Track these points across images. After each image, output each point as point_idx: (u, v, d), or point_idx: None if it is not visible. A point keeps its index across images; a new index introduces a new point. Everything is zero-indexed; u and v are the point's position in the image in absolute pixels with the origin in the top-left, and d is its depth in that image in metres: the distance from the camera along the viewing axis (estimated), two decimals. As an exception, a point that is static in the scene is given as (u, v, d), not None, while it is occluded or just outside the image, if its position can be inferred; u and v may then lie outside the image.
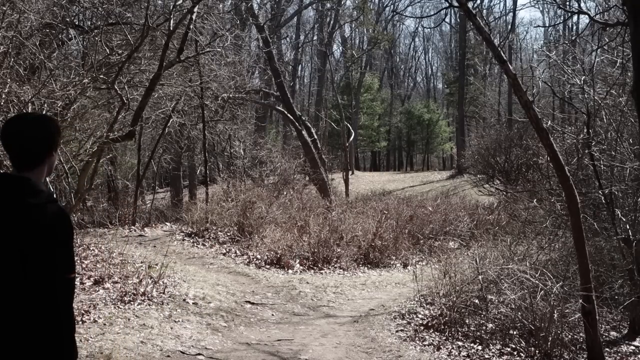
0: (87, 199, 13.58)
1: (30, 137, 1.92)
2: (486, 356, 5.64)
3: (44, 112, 6.74)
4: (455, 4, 6.48)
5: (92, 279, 6.76)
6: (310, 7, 34.92)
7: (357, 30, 41.18)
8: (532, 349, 5.64)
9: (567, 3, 12.89)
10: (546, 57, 12.08)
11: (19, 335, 1.82)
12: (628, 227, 6.46)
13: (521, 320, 5.95)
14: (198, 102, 13.78)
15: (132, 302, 6.20)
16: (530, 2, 57.68)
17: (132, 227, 11.47)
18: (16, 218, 1.83)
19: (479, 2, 24.95)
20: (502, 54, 5.55)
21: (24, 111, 6.54)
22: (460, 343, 5.96)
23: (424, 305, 7.22)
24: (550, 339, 5.57)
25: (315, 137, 20.60)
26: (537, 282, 5.89)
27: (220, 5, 15.74)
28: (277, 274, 9.30)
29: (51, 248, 1.83)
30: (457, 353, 5.71)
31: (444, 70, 50.66)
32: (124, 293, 6.39)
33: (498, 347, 5.85)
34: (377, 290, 8.79)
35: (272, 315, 7.01)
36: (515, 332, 6.02)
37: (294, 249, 10.24)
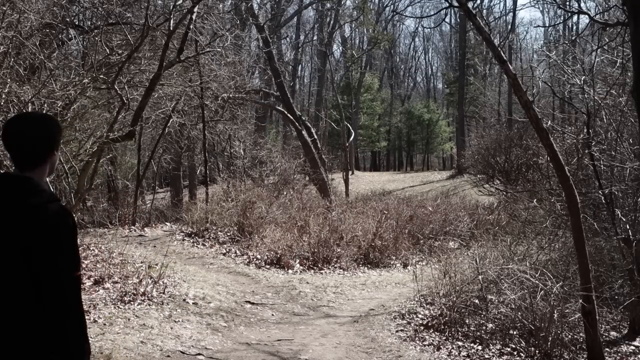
0: (87, 199, 13.58)
1: (31, 136, 1.92)
2: (486, 356, 5.64)
3: (44, 112, 6.74)
4: (455, 4, 6.48)
5: (92, 279, 6.76)
6: (310, 7, 34.95)
7: (357, 30, 41.21)
8: (532, 349, 5.64)
9: (567, 3, 12.89)
10: (546, 57, 12.09)
11: (28, 335, 1.83)
12: (628, 227, 6.46)
13: (521, 320, 5.95)
14: (198, 102, 13.78)
15: (132, 302, 6.20)
16: (530, 2, 57.69)
17: (132, 227, 11.47)
18: (19, 218, 1.83)
19: (479, 2, 24.95)
20: (502, 54, 5.55)
21: (24, 111, 6.54)
22: (460, 343, 5.96)
23: (424, 305, 7.22)
24: (550, 339, 5.57)
25: (315, 137, 20.60)
26: (537, 282, 5.89)
27: (220, 5, 15.74)
28: (277, 274, 9.30)
29: (55, 247, 1.83)
30: (457, 353, 5.71)
31: (444, 70, 50.68)
32: (124, 293, 6.39)
33: (498, 347, 5.85)
34: (377, 290, 8.79)
35: (272, 315, 7.01)
36: (515, 332, 6.02)
37: (294, 249, 10.24)
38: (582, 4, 13.27)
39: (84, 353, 1.88)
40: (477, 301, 6.61)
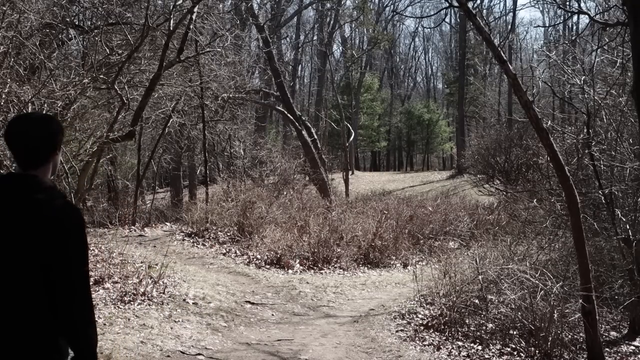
0: (87, 199, 13.57)
1: (34, 136, 1.95)
2: (486, 356, 5.64)
3: (44, 112, 6.74)
4: (455, 4, 6.48)
5: (92, 279, 6.76)
6: (310, 7, 34.94)
7: (357, 30, 41.20)
8: (532, 349, 5.64)
9: (567, 3, 12.89)
10: (546, 57, 12.08)
11: (38, 327, 1.88)
12: (628, 227, 6.46)
13: (521, 320, 5.95)
14: (198, 102, 13.78)
15: (132, 302, 6.20)
16: (530, 2, 57.72)
17: (132, 227, 11.47)
18: (28, 215, 1.88)
19: (479, 2, 24.96)
20: (502, 54, 5.55)
21: (24, 111, 6.54)
22: (460, 343, 5.96)
23: (424, 305, 7.22)
24: (550, 339, 5.57)
25: (315, 137, 20.59)
26: (537, 282, 5.89)
27: (220, 5, 15.74)
28: (277, 274, 9.30)
29: (64, 242, 1.88)
30: (457, 353, 5.71)
31: (444, 70, 50.68)
32: (124, 293, 6.39)
33: (498, 347, 5.85)
34: (377, 290, 8.79)
35: (272, 315, 7.01)
36: (515, 332, 6.02)
37: (294, 249, 10.24)
38: (582, 4, 13.29)
39: (93, 344, 1.94)
40: (477, 301, 6.61)
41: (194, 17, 10.04)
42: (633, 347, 6.08)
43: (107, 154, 11.79)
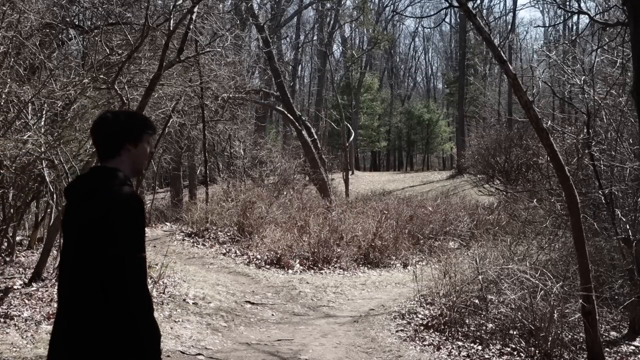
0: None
1: (104, 131, 2.14)
2: (486, 356, 5.64)
3: (44, 112, 6.76)
4: (455, 4, 6.48)
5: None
6: (310, 7, 34.95)
7: (357, 30, 41.20)
8: (532, 349, 5.64)
9: (567, 3, 12.89)
10: (546, 57, 12.07)
11: (96, 316, 1.92)
12: (628, 227, 6.45)
13: (521, 320, 5.95)
14: (198, 102, 13.78)
15: (132, 302, 6.19)
16: (530, 2, 57.73)
17: (132, 227, 11.45)
18: (90, 204, 1.99)
19: (479, 2, 24.94)
20: (502, 54, 5.54)
21: (24, 111, 6.56)
22: (460, 343, 5.96)
23: (424, 305, 7.22)
24: (550, 339, 5.57)
25: (315, 137, 20.59)
26: (537, 282, 5.89)
27: (220, 5, 15.72)
28: (277, 274, 9.31)
29: (119, 230, 1.94)
30: (457, 353, 5.71)
31: (444, 70, 50.68)
32: (124, 293, 6.39)
33: (498, 347, 5.85)
34: (377, 290, 8.79)
35: (272, 315, 7.01)
36: (515, 332, 6.02)
37: (294, 249, 10.24)
38: (582, 4, 13.30)
39: (153, 336, 1.95)
40: (477, 301, 6.61)
41: (194, 17, 10.01)
42: (633, 347, 6.08)
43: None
